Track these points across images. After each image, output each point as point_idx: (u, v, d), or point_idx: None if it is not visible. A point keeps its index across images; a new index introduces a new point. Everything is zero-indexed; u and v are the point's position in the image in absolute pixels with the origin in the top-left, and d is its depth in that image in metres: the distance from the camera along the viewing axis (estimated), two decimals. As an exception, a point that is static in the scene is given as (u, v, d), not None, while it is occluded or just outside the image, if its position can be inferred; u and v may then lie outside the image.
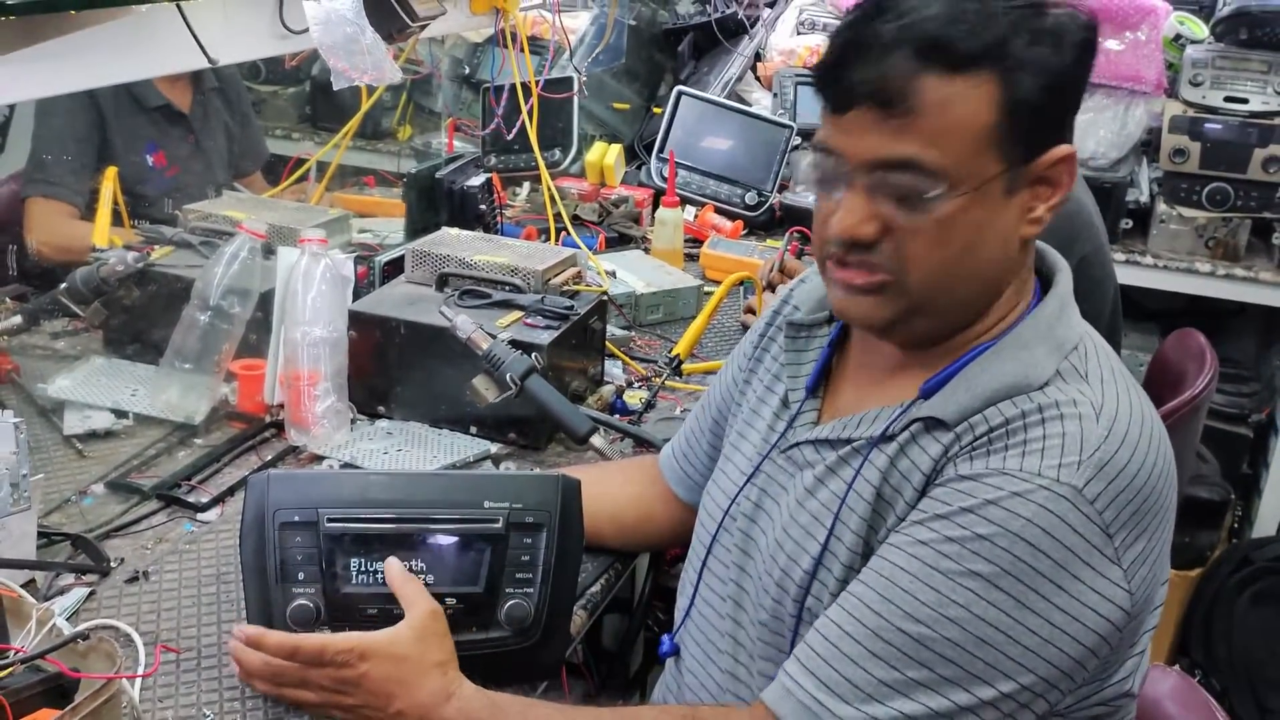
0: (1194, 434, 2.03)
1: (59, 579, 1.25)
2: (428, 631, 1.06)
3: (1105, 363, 1.01)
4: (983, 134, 0.94)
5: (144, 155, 2.42)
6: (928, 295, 0.99)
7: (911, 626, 0.92)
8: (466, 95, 3.06)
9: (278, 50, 1.63)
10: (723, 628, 1.14)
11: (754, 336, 1.27)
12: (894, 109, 0.93)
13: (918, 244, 0.96)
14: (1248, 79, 2.79)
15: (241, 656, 1.07)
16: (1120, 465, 0.92)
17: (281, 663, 1.05)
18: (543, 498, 1.13)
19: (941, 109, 0.93)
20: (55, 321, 1.81)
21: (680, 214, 2.40)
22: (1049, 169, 0.98)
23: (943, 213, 0.95)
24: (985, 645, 0.91)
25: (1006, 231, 0.99)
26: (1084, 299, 1.86)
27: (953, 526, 0.93)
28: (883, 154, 0.94)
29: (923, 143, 0.93)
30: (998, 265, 1.01)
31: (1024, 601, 0.90)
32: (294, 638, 1.05)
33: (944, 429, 0.98)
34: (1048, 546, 0.90)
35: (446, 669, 1.06)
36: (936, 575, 0.92)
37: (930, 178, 0.94)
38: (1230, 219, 2.86)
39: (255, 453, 1.55)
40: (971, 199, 0.95)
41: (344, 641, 1.04)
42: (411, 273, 1.76)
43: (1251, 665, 2.68)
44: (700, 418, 1.34)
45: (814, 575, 1.02)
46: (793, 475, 1.10)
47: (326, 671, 1.04)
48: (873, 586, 0.95)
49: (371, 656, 1.03)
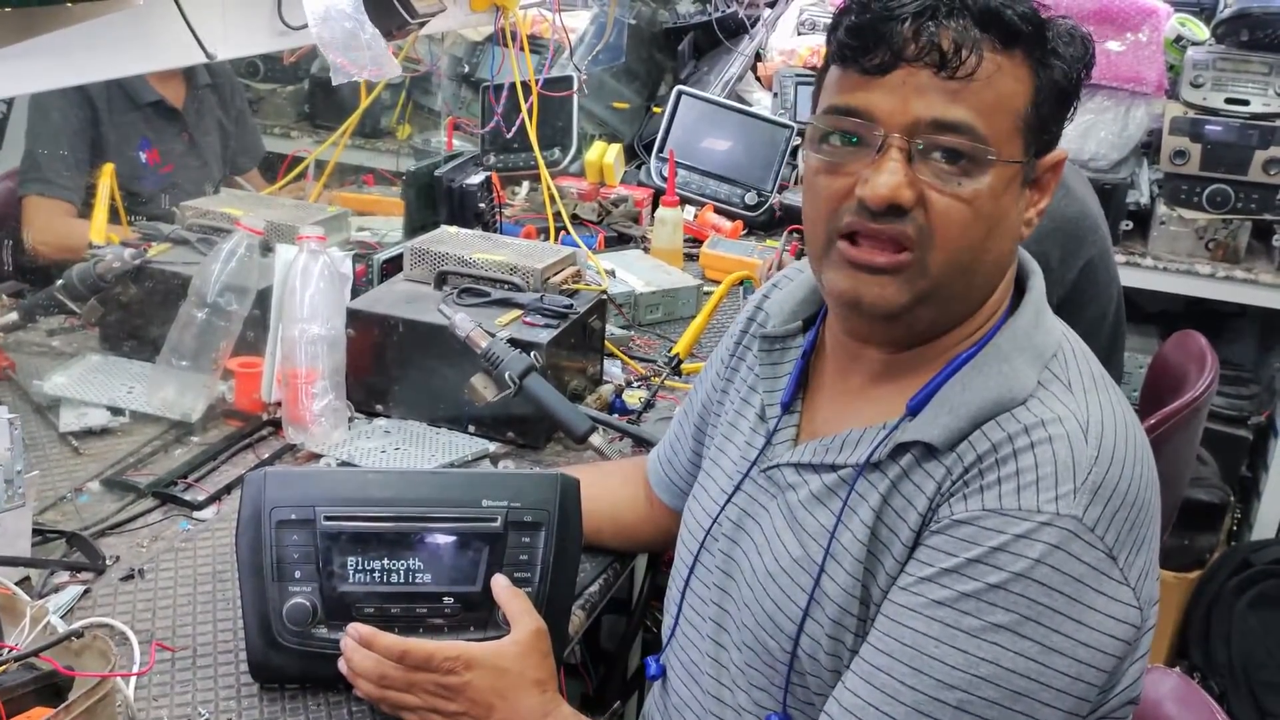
0: (1194, 436, 2.02)
1: (54, 577, 1.24)
2: (531, 648, 1.07)
3: (1085, 368, 1.00)
4: (1019, 116, 0.94)
5: (137, 152, 2.41)
6: (948, 277, 0.96)
7: (949, 695, 0.90)
8: (466, 94, 3.06)
9: (276, 46, 1.63)
10: (705, 648, 1.12)
11: (729, 343, 1.24)
12: (955, 71, 0.91)
13: (953, 216, 0.93)
14: (1249, 81, 2.79)
15: (352, 656, 1.07)
16: (1113, 485, 0.91)
17: (390, 665, 1.05)
18: (541, 497, 1.13)
19: (993, 81, 0.92)
20: (51, 318, 1.80)
21: (680, 213, 2.39)
22: (1046, 172, 0.99)
23: (985, 185, 0.93)
24: (1021, 697, 0.89)
25: (1016, 224, 0.99)
26: (1088, 303, 1.87)
27: (964, 580, 0.91)
28: (935, 115, 0.92)
29: (976, 110, 0.92)
30: (1004, 258, 1.00)
31: (1048, 644, 0.89)
32: (404, 641, 1.06)
33: (935, 460, 0.96)
34: (1059, 583, 0.89)
35: (546, 687, 1.07)
36: (960, 635, 0.90)
37: (981, 145, 0.92)
38: (1230, 221, 2.86)
39: (252, 451, 1.55)
40: (1004, 178, 0.94)
41: (451, 649, 1.05)
42: (410, 271, 1.75)
43: (1250, 668, 2.68)
44: (683, 424, 1.32)
45: (807, 612, 1.01)
46: (774, 496, 1.08)
47: (432, 677, 1.05)
48: (900, 659, 0.92)
49: (476, 666, 1.05)
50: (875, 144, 0.94)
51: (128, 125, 2.42)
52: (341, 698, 1.10)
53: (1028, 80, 0.94)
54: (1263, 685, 2.66)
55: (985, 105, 0.92)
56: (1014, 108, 0.94)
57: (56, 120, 2.35)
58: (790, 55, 3.10)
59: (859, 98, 0.94)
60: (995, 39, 0.92)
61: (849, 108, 0.95)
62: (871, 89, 0.94)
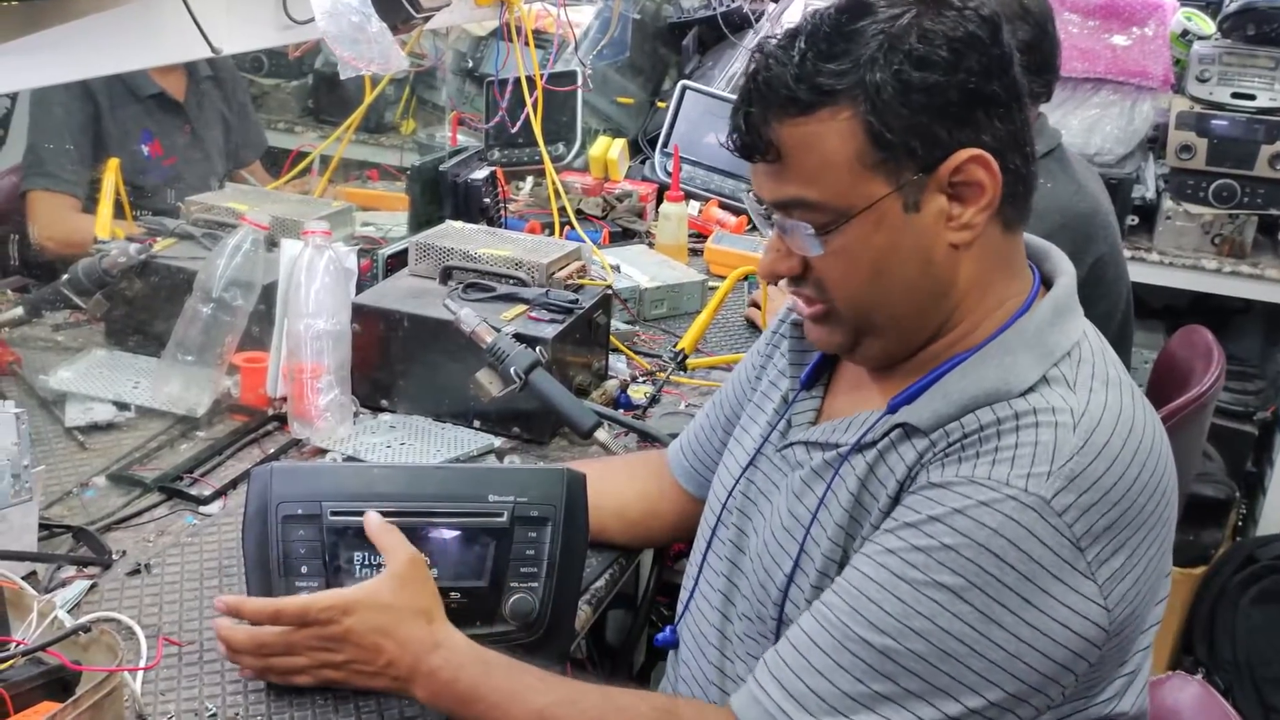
0: (1200, 432, 2.01)
1: (60, 571, 1.24)
2: (408, 579, 1.06)
3: (1101, 371, 0.99)
4: (854, 162, 0.95)
5: (140, 145, 2.41)
6: (860, 319, 1.02)
7: (876, 638, 0.91)
8: (470, 89, 3.05)
9: (282, 40, 1.62)
10: (713, 620, 1.14)
11: (768, 334, 1.28)
12: (766, 157, 0.98)
13: (829, 273, 1.00)
14: (1255, 75, 2.78)
15: (225, 633, 1.06)
16: (1094, 477, 0.90)
17: (266, 631, 1.04)
18: (548, 491, 1.13)
19: (805, 149, 0.96)
20: (57, 313, 1.80)
21: (684, 209, 2.39)
22: (958, 175, 0.96)
23: (839, 242, 0.98)
24: (950, 659, 0.90)
25: (924, 246, 0.98)
26: (1098, 300, 1.87)
27: (920, 535, 0.92)
28: (775, 196, 1.00)
29: (802, 182, 0.97)
30: (923, 279, 0.99)
31: (989, 615, 0.89)
32: (274, 601, 1.05)
33: (921, 435, 0.97)
34: (1013, 558, 0.89)
35: (431, 616, 1.05)
36: (902, 585, 0.91)
37: (817, 211, 0.97)
38: (1237, 216, 2.85)
39: (258, 446, 1.55)
40: (864, 224, 0.97)
41: (325, 599, 1.04)
42: (415, 266, 1.75)
43: (1255, 663, 2.67)
44: (713, 414, 1.34)
45: (791, 579, 1.03)
46: (785, 474, 1.10)
47: (311, 631, 1.03)
48: (842, 596, 0.95)
49: (355, 609, 1.03)
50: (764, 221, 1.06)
51: (130, 118, 2.41)
52: (348, 693, 1.10)
53: (849, 125, 0.95)
54: (1268, 681, 2.66)
55: (810, 172, 0.97)
56: (845, 158, 0.95)
57: (59, 114, 2.35)
58: (795, 50, 3.09)
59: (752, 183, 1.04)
60: (793, 112, 0.96)
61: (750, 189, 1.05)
62: (752, 177, 1.03)
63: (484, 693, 1.02)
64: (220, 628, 1.07)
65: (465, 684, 1.02)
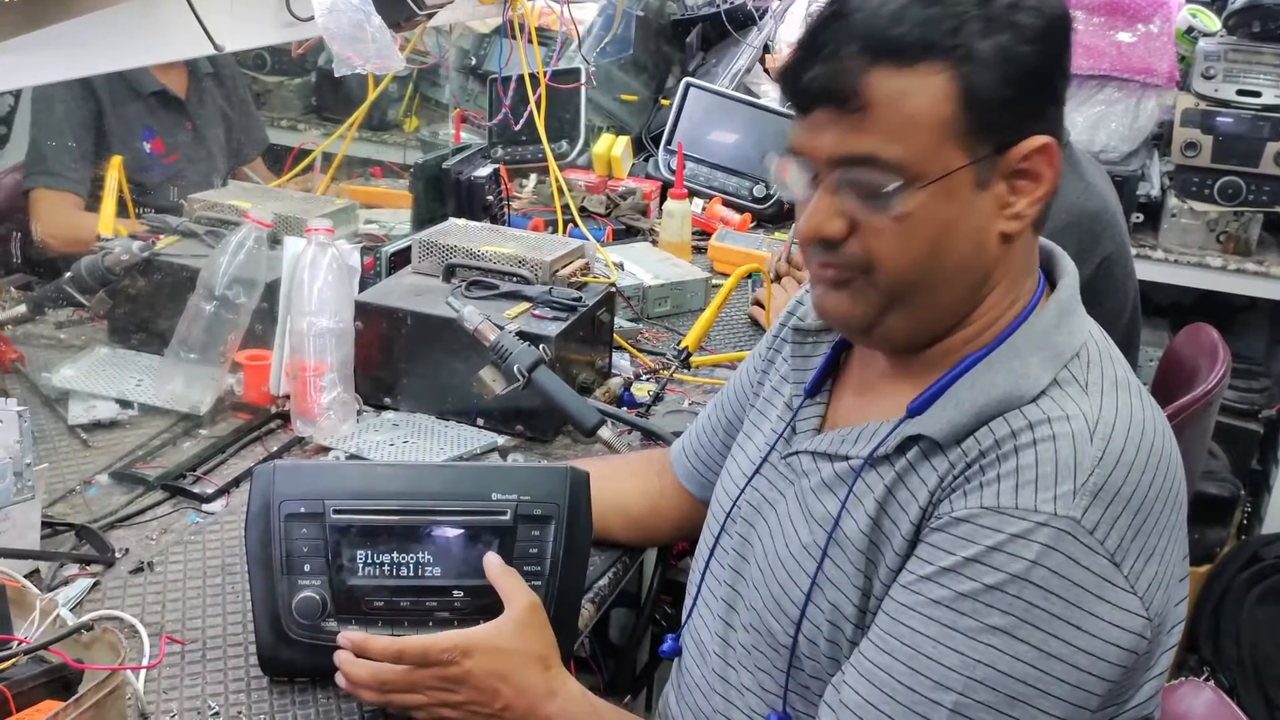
0: (1205, 430, 2.01)
1: (63, 569, 1.24)
2: (527, 624, 1.07)
3: (1110, 371, 0.97)
4: (942, 127, 0.92)
5: (141, 142, 2.41)
6: (901, 293, 0.97)
7: (945, 696, 0.89)
8: (473, 86, 3.05)
9: (284, 38, 1.62)
10: (715, 628, 1.13)
11: (768, 338, 1.26)
12: (848, 105, 0.92)
13: (883, 241, 0.95)
14: (1260, 72, 2.78)
15: (348, 668, 1.06)
16: (1116, 487, 0.89)
17: (388, 668, 1.05)
18: (551, 490, 1.12)
19: (895, 103, 0.91)
20: (60, 311, 1.80)
21: (688, 206, 2.38)
22: (1024, 162, 0.95)
23: (905, 208, 0.93)
24: (1017, 702, 0.88)
25: (980, 227, 0.96)
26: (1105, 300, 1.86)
27: (961, 580, 0.90)
28: (841, 151, 0.94)
29: (880, 138, 0.92)
30: (974, 263, 0.97)
31: (1046, 650, 0.88)
32: (397, 641, 1.05)
33: (940, 454, 0.95)
34: (1057, 587, 0.87)
35: (549, 663, 1.07)
36: (957, 636, 0.90)
37: (890, 172, 0.92)
38: (1242, 213, 2.84)
39: (261, 444, 1.55)
40: (935, 194, 0.93)
41: (446, 640, 1.05)
42: (418, 263, 1.75)
43: (1260, 662, 2.67)
44: (715, 414, 1.33)
45: (809, 597, 1.01)
46: (791, 483, 1.09)
47: (432, 672, 1.04)
48: (898, 658, 0.92)
49: (475, 652, 1.04)
50: (808, 180, 0.97)
51: (131, 115, 2.41)
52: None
53: (946, 87, 0.91)
54: (1273, 680, 2.65)
55: (893, 129, 0.91)
56: (934, 120, 0.91)
57: (61, 112, 2.35)
58: (799, 47, 3.09)
59: (796, 137, 0.98)
60: (891, 62, 0.91)
61: (790, 146, 0.99)
62: (801, 128, 0.97)
63: None
64: (343, 661, 1.07)
65: None
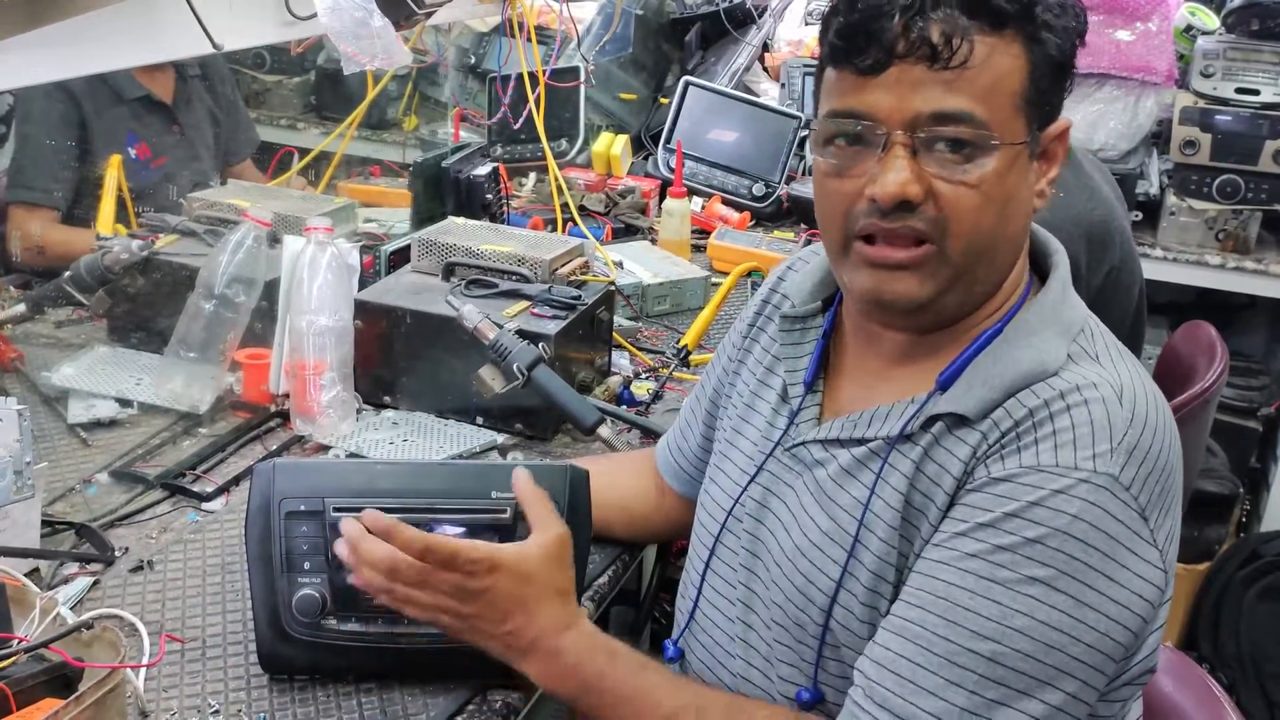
0: (1204, 428, 2.01)
1: (63, 568, 1.24)
2: (555, 555, 1.04)
3: (1110, 343, 1.02)
4: (1018, 95, 0.95)
5: (126, 148, 2.38)
6: (969, 262, 0.97)
7: (982, 645, 0.90)
8: (472, 85, 3.05)
9: (284, 36, 1.62)
10: (732, 631, 1.12)
11: (742, 327, 1.24)
12: (947, 62, 0.91)
13: (964, 203, 0.94)
14: (1259, 70, 2.78)
15: (365, 544, 1.01)
16: (1146, 447, 0.92)
17: (405, 557, 1.01)
18: (551, 488, 1.12)
19: (987, 65, 0.93)
20: (59, 310, 1.80)
21: (687, 205, 2.38)
22: (1051, 142, 1.00)
23: (991, 169, 0.94)
24: (1053, 650, 0.89)
25: (1029, 199, 1.00)
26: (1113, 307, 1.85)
27: (1000, 534, 0.91)
28: (934, 108, 0.92)
29: (974, 97, 0.93)
30: (1020, 235, 1.02)
31: (1082, 599, 0.89)
32: (426, 536, 1.01)
33: (968, 427, 0.96)
34: (1096, 540, 0.89)
35: (568, 598, 1.05)
36: (995, 587, 0.90)
37: (982, 131, 0.93)
38: (1241, 211, 2.84)
39: (260, 442, 1.55)
40: (1009, 159, 0.95)
41: (477, 550, 1.01)
42: (418, 262, 1.75)
43: (1259, 659, 2.67)
44: (693, 411, 1.32)
45: (840, 583, 1.00)
46: (800, 474, 1.08)
47: (452, 577, 1.01)
48: (932, 610, 0.92)
49: (501, 570, 1.01)
50: (879, 143, 0.95)
51: (115, 121, 2.39)
52: (351, 689, 1.10)
53: (1022, 58, 0.94)
54: (1272, 677, 2.65)
55: (982, 90, 0.93)
56: (1011, 88, 0.94)
57: (42, 121, 2.33)
58: (798, 45, 3.09)
59: (858, 99, 0.95)
60: (984, 23, 0.92)
61: (849, 110, 0.96)
62: (869, 89, 0.94)
63: (608, 685, 1.00)
64: (357, 538, 1.02)
65: (589, 671, 1.01)
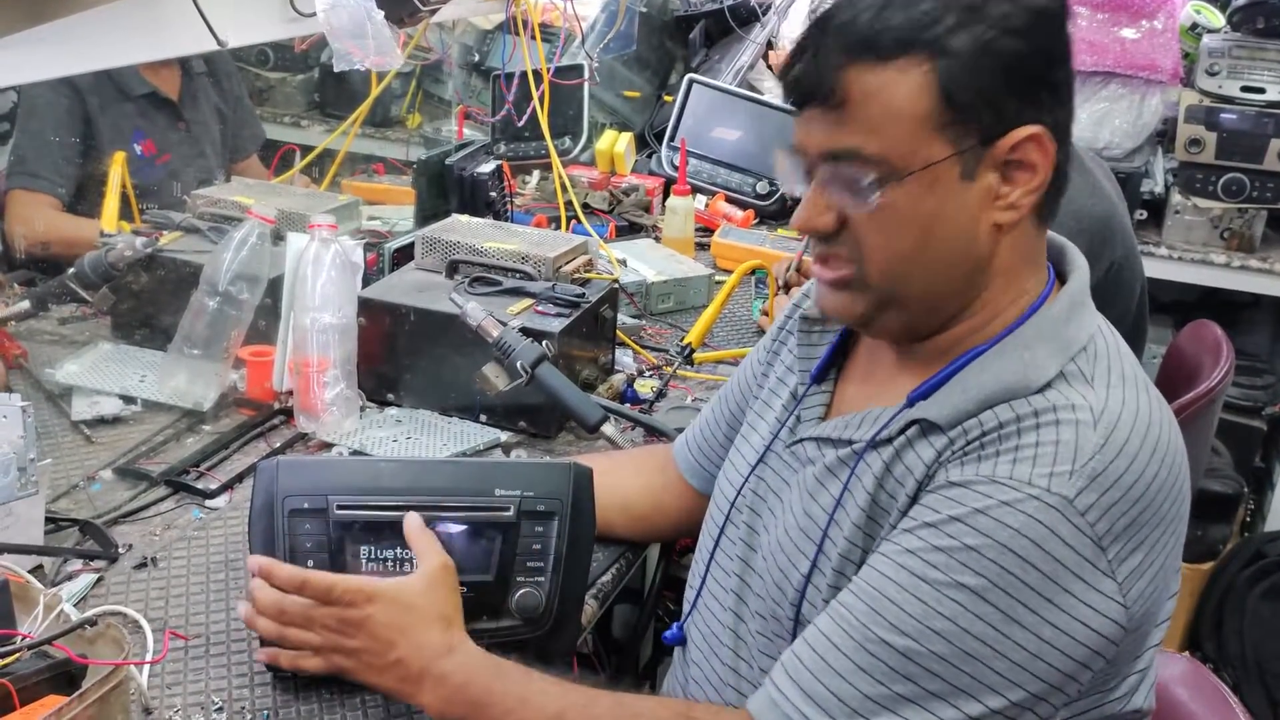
0: (1209, 427, 2.01)
1: (67, 565, 1.24)
2: (437, 583, 1.06)
3: (1117, 365, 0.98)
4: (922, 119, 0.93)
5: (132, 144, 2.39)
6: (890, 287, 0.99)
7: (898, 639, 0.90)
8: (476, 83, 3.05)
9: (287, 33, 1.62)
10: (725, 620, 1.13)
11: (774, 330, 1.27)
12: (828, 102, 0.95)
13: (870, 233, 0.97)
14: (1265, 69, 2.77)
15: (255, 592, 1.06)
16: (1116, 475, 0.90)
17: (290, 599, 1.04)
18: (555, 486, 1.12)
19: (873, 98, 0.94)
20: (63, 307, 1.80)
21: (691, 203, 2.38)
22: (1014, 152, 0.95)
23: (888, 200, 0.95)
24: (971, 659, 0.89)
25: (969, 218, 0.97)
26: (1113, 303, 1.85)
27: (941, 535, 0.91)
28: (827, 146, 0.97)
29: (862, 132, 0.95)
30: (964, 254, 0.98)
31: (1011, 615, 0.89)
32: (304, 572, 1.05)
33: (939, 433, 0.96)
34: (1036, 559, 0.88)
35: (451, 623, 1.06)
36: (924, 586, 0.91)
37: (870, 165, 0.95)
38: (1246, 210, 2.84)
39: (264, 439, 1.55)
40: (917, 186, 0.94)
41: (352, 581, 1.04)
42: (421, 259, 1.75)
43: (1263, 659, 2.67)
44: (718, 408, 1.33)
45: (808, 579, 1.02)
46: (796, 471, 1.09)
47: (332, 610, 1.03)
48: (860, 597, 0.94)
49: (378, 600, 1.03)
50: (804, 175, 1.01)
51: (121, 118, 2.39)
52: (354, 687, 1.10)
53: (924, 80, 0.93)
54: (1275, 677, 2.65)
55: (872, 123, 0.94)
56: (913, 114, 0.93)
57: (46, 115, 2.33)
58: (802, 43, 3.08)
59: (794, 134, 1.01)
60: (869, 59, 0.94)
61: (788, 143, 1.02)
62: (797, 126, 1.00)
63: (496, 698, 1.01)
64: (251, 587, 1.07)
65: (477, 688, 1.02)
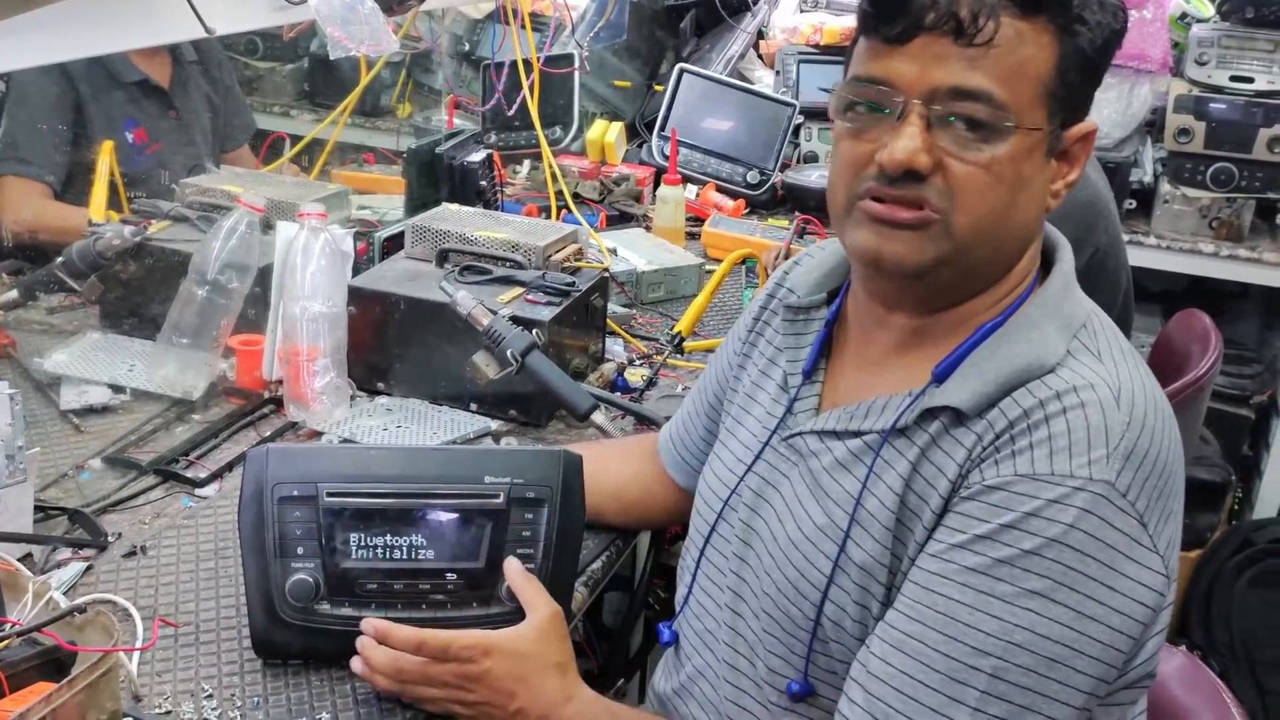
0: (1197, 415, 2.02)
1: (56, 553, 1.24)
2: (549, 632, 1.08)
3: (1114, 340, 1.00)
4: (1042, 84, 0.94)
5: (123, 132, 2.37)
6: (972, 241, 0.96)
7: (984, 662, 0.89)
8: (466, 72, 3.04)
9: (276, 21, 1.61)
10: (721, 617, 1.12)
11: (748, 319, 1.24)
12: (972, 39, 0.91)
13: (972, 182, 0.94)
14: (1254, 58, 2.78)
15: (368, 652, 1.06)
16: (1144, 451, 0.91)
17: (407, 658, 1.05)
18: (544, 473, 1.12)
19: (1014, 48, 0.92)
20: (52, 296, 1.79)
21: (682, 192, 2.39)
22: (1074, 143, 0.98)
23: (1003, 151, 0.93)
24: (1055, 664, 0.89)
25: (1041, 193, 0.99)
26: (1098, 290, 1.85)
27: (998, 546, 0.90)
28: (953, 83, 0.92)
29: (995, 77, 0.92)
30: (1030, 226, 1.00)
31: (1082, 610, 0.89)
32: (420, 633, 1.05)
33: (964, 427, 0.95)
34: (1093, 549, 0.89)
35: (566, 670, 1.08)
36: (995, 602, 0.90)
37: (998, 111, 0.92)
38: (1234, 199, 2.85)
39: (254, 429, 1.54)
40: (1027, 146, 0.94)
41: (468, 637, 1.05)
42: (411, 248, 1.75)
43: (1251, 647, 2.68)
44: (696, 402, 1.32)
45: (831, 579, 1.00)
46: (795, 465, 1.08)
47: (450, 667, 1.05)
48: (933, 626, 0.92)
49: (495, 653, 1.05)
50: (896, 111, 0.95)
51: (112, 105, 2.37)
52: (344, 673, 1.10)
53: (1051, 47, 0.93)
54: (1263, 664, 2.66)
55: (1004, 72, 0.92)
56: (1036, 75, 0.93)
57: (37, 102, 2.32)
58: (793, 33, 3.08)
59: (881, 66, 0.95)
60: (1016, 5, 0.92)
61: (871, 76, 0.96)
62: (893, 57, 0.94)
63: None
64: (363, 646, 1.07)
65: None
